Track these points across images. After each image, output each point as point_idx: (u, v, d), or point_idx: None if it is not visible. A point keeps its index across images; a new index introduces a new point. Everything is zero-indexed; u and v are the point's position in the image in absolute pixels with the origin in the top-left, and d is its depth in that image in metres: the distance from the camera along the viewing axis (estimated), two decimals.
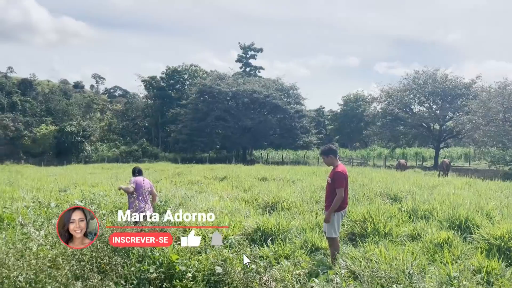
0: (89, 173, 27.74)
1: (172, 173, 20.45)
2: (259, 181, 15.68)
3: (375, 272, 4.67)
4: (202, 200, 9.67)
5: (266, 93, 50.96)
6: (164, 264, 4.26)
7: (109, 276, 3.37)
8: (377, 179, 14.57)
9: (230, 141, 52.15)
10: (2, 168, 34.37)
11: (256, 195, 10.49)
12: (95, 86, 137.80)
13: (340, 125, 75.21)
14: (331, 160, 5.86)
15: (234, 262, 4.61)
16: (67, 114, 71.27)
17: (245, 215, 8.19)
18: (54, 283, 3.02)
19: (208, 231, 6.79)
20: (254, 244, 6.50)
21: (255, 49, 65.91)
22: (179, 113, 59.89)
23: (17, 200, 10.81)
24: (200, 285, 4.08)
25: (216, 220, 7.35)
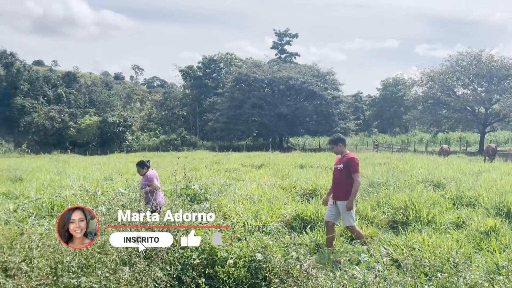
0: (131, 161, 28.62)
1: (210, 161, 20.77)
2: (296, 168, 15.66)
3: (418, 260, 4.58)
4: (240, 188, 9.79)
5: (302, 80, 50.43)
6: (206, 250, 4.37)
7: (155, 262, 3.50)
8: (418, 165, 14.18)
9: (267, 129, 52.16)
10: (50, 158, 36.09)
11: (294, 182, 10.49)
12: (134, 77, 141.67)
13: (379, 110, 73.45)
14: (340, 149, 5.88)
15: (274, 249, 4.66)
16: (109, 105, 73.71)
17: (284, 203, 8.22)
18: (104, 268, 3.17)
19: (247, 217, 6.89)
20: (293, 231, 6.53)
21: (290, 35, 65.19)
22: (215, 101, 60.49)
23: (65, 188, 11.35)
24: (242, 271, 4.15)
25: (254, 208, 7.44)
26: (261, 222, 6.77)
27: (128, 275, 3.17)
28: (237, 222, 6.64)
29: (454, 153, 29.74)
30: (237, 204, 7.70)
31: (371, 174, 11.74)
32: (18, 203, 9.13)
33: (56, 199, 8.32)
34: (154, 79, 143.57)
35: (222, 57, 70.89)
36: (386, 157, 20.17)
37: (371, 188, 9.72)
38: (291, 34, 65.10)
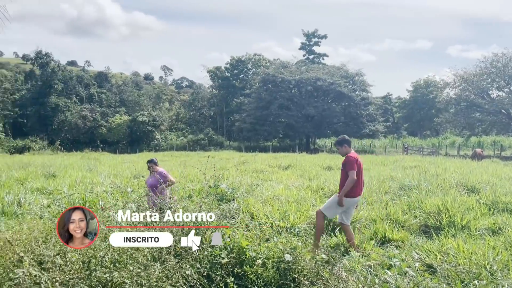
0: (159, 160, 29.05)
1: (237, 162, 20.83)
2: (324, 170, 15.49)
3: (454, 266, 4.42)
4: (268, 188, 9.76)
5: (330, 81, 49.93)
6: (234, 249, 4.35)
7: (185, 259, 3.50)
8: (451, 169, 13.76)
9: (293, 130, 51.91)
10: (82, 156, 37.10)
11: (322, 184, 10.37)
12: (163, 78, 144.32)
13: (409, 112, 71.89)
14: (345, 150, 5.89)
15: (303, 250, 4.60)
16: (138, 104, 75.23)
17: (311, 204, 8.13)
18: (135, 264, 3.20)
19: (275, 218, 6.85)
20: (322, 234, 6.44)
21: (319, 36, 64.70)
22: (242, 102, 60.71)
23: (96, 185, 11.63)
24: (270, 271, 4.11)
25: (282, 209, 7.38)
26: (288, 223, 6.72)
27: (159, 272, 3.19)
28: (264, 222, 6.61)
29: (488, 158, 28.76)
30: (265, 205, 7.67)
31: (402, 177, 11.48)
32: (51, 199, 9.41)
33: (88, 196, 8.51)
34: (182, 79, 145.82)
35: (250, 58, 71.10)
36: (416, 160, 19.69)
37: (401, 191, 9.49)
38: (320, 35, 64.63)
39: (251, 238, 5.36)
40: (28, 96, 66.86)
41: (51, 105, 64.23)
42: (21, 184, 12.04)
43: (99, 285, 3.01)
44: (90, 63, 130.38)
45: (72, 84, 71.26)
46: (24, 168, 16.89)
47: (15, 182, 12.37)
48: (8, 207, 8.21)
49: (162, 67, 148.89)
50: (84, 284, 2.96)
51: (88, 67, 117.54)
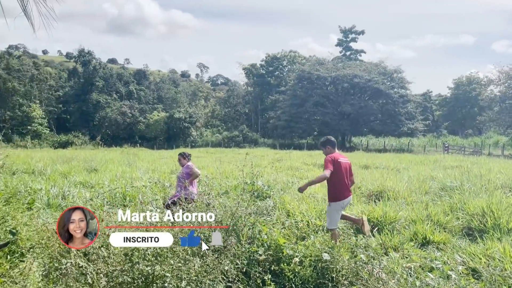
0: (195, 156, 29.55)
1: (272, 159, 20.82)
2: (361, 168, 15.23)
3: (500, 271, 4.23)
4: None
5: (368, 77, 48.96)
6: (272, 247, 4.35)
7: (224, 255, 3.54)
8: (496, 169, 13.18)
9: (329, 127, 51.28)
10: (121, 151, 38.26)
11: (359, 183, 10.19)
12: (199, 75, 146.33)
13: (450, 110, 69.42)
14: (328, 151, 5.82)
15: (342, 250, 4.54)
16: (175, 101, 76.66)
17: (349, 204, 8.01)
18: (176, 258, 3.26)
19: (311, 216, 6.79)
20: (359, 233, 6.33)
21: (356, 32, 63.52)
22: (277, 99, 60.60)
23: (136, 179, 11.94)
24: (308, 270, 4.08)
25: (319, 207, 7.31)
26: (325, 222, 6.64)
27: (198, 266, 3.23)
28: (301, 221, 6.57)
29: None
30: (301, 203, 7.63)
31: (443, 177, 11.10)
32: (94, 192, 9.76)
33: (129, 190, 8.75)
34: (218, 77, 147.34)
35: (285, 55, 70.81)
36: (458, 160, 18.99)
37: (443, 192, 9.18)
38: (357, 31, 63.43)
39: (288, 236, 5.35)
40: (71, 93, 69.59)
41: (93, 101, 66.53)
42: (65, 177, 12.55)
43: (141, 277, 3.08)
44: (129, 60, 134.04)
45: (113, 81, 73.51)
46: (67, 163, 17.60)
47: (60, 175, 12.91)
48: (54, 200, 8.57)
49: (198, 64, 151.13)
50: (127, 276, 3.04)
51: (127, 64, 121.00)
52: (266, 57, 70.63)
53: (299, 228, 5.94)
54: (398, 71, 52.83)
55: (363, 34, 63.83)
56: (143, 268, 3.06)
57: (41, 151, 34.62)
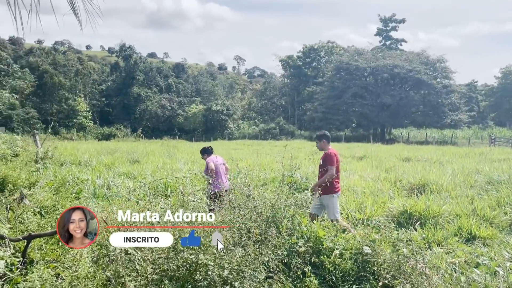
0: (233, 148, 29.89)
1: (309, 151, 20.69)
2: (401, 161, 14.87)
3: None
4: (342, 179, 9.57)
5: (409, 67, 47.44)
6: (311, 239, 4.36)
7: (265, 245, 3.58)
8: None
9: (368, 119, 50.25)
10: (161, 143, 39.24)
11: (400, 176, 9.96)
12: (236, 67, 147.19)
13: (497, 101, 66.19)
14: (323, 145, 5.97)
15: (383, 244, 4.47)
16: (213, 94, 77.51)
17: (389, 196, 7.86)
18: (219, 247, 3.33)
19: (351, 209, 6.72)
20: (401, 227, 6.21)
21: (396, 21, 61.52)
22: (314, 91, 59.93)
23: (176, 171, 12.23)
24: (348, 263, 4.06)
25: (358, 200, 7.23)
26: (365, 215, 6.57)
27: (240, 256, 3.29)
28: (340, 214, 6.52)
29: None
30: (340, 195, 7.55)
31: (489, 171, 10.65)
32: (136, 183, 10.09)
33: (170, 181, 8.97)
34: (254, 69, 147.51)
35: (323, 45, 69.76)
36: (505, 153, 18.14)
37: (489, 186, 8.82)
38: (397, 20, 61.42)
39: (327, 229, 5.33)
40: (113, 87, 71.88)
41: (134, 95, 68.44)
42: (109, 168, 13.04)
43: (186, 265, 3.18)
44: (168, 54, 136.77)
45: (152, 75, 75.24)
46: (111, 154, 18.27)
47: (104, 166, 13.42)
48: (99, 190, 8.93)
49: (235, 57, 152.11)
50: (173, 264, 3.15)
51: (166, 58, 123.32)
52: (303, 48, 69.90)
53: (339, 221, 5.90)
54: (441, 60, 50.82)
55: (404, 22, 61.76)
56: (187, 257, 3.15)
57: (86, 143, 36.12)
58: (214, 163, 7.27)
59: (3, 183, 7.33)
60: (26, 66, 62.55)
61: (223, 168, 7.46)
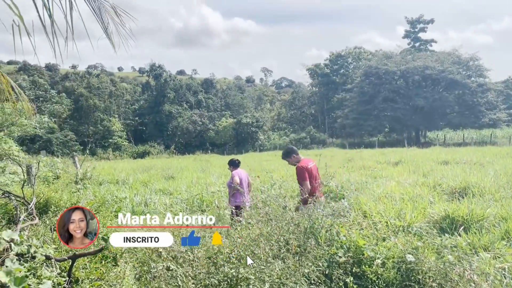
0: (264, 160, 29.91)
1: (342, 159, 20.42)
2: (439, 164, 14.42)
3: None
4: (379, 186, 9.39)
5: (441, 68, 46.24)
6: (351, 248, 4.28)
7: (304, 257, 3.55)
8: None
9: (401, 123, 49.17)
10: (194, 158, 39.79)
11: (439, 180, 9.66)
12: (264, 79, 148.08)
13: None
14: (294, 160, 5.89)
15: (426, 251, 4.34)
16: (242, 107, 78.21)
17: (429, 202, 7.62)
18: (257, 260, 3.33)
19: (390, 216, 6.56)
20: (443, 233, 6.00)
21: (425, 21, 60.32)
22: (344, 98, 59.35)
23: (210, 185, 12.35)
24: (391, 272, 3.96)
25: (397, 207, 7.05)
26: (405, 222, 6.39)
27: (280, 269, 3.27)
28: (379, 221, 6.38)
29: None
30: (377, 203, 7.40)
31: None
32: (173, 198, 10.26)
33: (205, 196, 9.06)
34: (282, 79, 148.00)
35: (350, 52, 69.21)
36: None
37: None
38: (426, 20, 60.22)
39: (367, 237, 5.22)
40: (146, 106, 73.79)
41: (165, 112, 69.97)
42: (145, 185, 13.33)
43: (227, 279, 3.19)
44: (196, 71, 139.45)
45: (182, 92, 76.78)
46: (146, 171, 18.69)
47: (140, 184, 13.73)
48: (137, 207, 9.12)
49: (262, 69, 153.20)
50: (214, 278, 3.17)
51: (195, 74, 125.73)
52: (330, 56, 69.59)
53: (378, 229, 5.77)
54: (474, 58, 49.28)
55: (432, 23, 60.48)
56: (228, 271, 3.16)
57: (122, 162, 37.10)
58: (239, 177, 7.34)
59: (47, 204, 7.62)
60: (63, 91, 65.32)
61: (246, 183, 7.51)
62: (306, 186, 5.62)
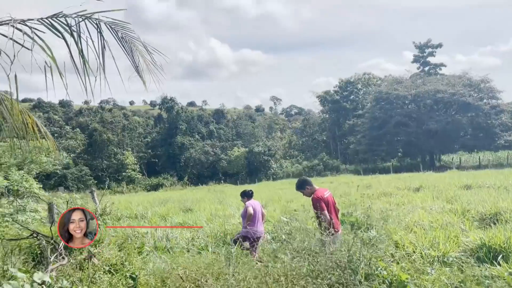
0: (279, 189, 29.63)
1: (360, 185, 20.14)
2: (462, 189, 14.11)
3: None
4: (405, 213, 9.17)
5: (452, 91, 46.13)
6: (394, 283, 4.11)
7: None
8: None
9: (414, 147, 48.75)
10: (208, 189, 39.62)
11: (467, 205, 9.41)
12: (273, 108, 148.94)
13: None
14: (309, 191, 5.83)
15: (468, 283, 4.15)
16: (253, 136, 78.50)
17: (461, 229, 7.39)
18: None
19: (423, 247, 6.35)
20: (481, 263, 5.77)
21: (433, 46, 60.63)
22: (355, 123, 59.25)
23: (229, 217, 12.19)
24: None
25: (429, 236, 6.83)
26: (439, 252, 6.18)
27: None
28: (413, 252, 6.18)
29: None
30: (408, 232, 7.20)
31: None
32: (194, 232, 10.13)
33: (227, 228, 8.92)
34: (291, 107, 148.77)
35: (359, 78, 69.61)
36: None
37: None
38: (434, 45, 60.53)
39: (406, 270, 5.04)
40: (158, 138, 74.52)
41: (178, 144, 70.48)
42: (164, 219, 13.22)
43: None
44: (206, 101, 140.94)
45: (194, 123, 77.58)
46: (163, 204, 18.58)
47: (159, 217, 13.62)
48: (159, 242, 8.99)
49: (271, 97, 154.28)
50: None
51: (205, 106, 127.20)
52: (339, 83, 69.99)
53: (414, 260, 5.58)
54: (485, 80, 49.13)
55: (441, 47, 60.73)
56: None
57: (137, 195, 37.10)
58: (253, 208, 7.28)
59: None
60: (77, 126, 66.46)
61: (260, 214, 7.43)
62: (325, 216, 5.49)
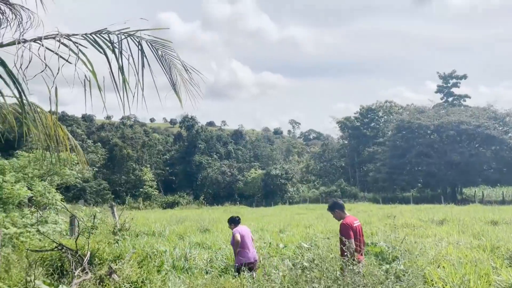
0: (296, 213, 29.31)
1: (381, 215, 19.72)
2: (488, 225, 13.64)
3: None
4: (432, 247, 8.86)
5: (476, 123, 45.38)
6: None
7: None
8: None
9: (435, 178, 47.75)
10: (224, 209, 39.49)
11: (496, 242, 9.05)
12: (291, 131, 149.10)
13: None
14: (339, 215, 5.77)
15: None
16: (271, 158, 78.36)
17: (492, 267, 7.07)
18: None
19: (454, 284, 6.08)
20: None
21: (458, 77, 60.17)
22: (376, 151, 58.63)
23: None
24: None
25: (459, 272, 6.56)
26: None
27: None
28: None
29: None
30: (436, 266, 6.93)
31: None
32: (212, 253, 10.00)
33: None
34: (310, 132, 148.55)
35: (381, 105, 69.29)
36: None
37: None
38: (459, 76, 60.07)
39: None
40: (177, 156, 75.08)
41: (195, 163, 70.82)
42: (181, 238, 13.12)
43: None
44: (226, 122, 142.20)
45: (213, 143, 78.05)
46: (181, 223, 18.53)
47: (176, 236, 13.54)
48: (177, 262, 8.89)
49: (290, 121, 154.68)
50: None
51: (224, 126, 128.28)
52: (360, 109, 69.77)
53: None
54: (511, 114, 48.29)
55: (465, 78, 60.20)
56: None
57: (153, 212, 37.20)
58: (241, 234, 7.15)
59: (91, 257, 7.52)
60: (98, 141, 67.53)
61: (249, 239, 7.30)
62: (351, 244, 5.36)
